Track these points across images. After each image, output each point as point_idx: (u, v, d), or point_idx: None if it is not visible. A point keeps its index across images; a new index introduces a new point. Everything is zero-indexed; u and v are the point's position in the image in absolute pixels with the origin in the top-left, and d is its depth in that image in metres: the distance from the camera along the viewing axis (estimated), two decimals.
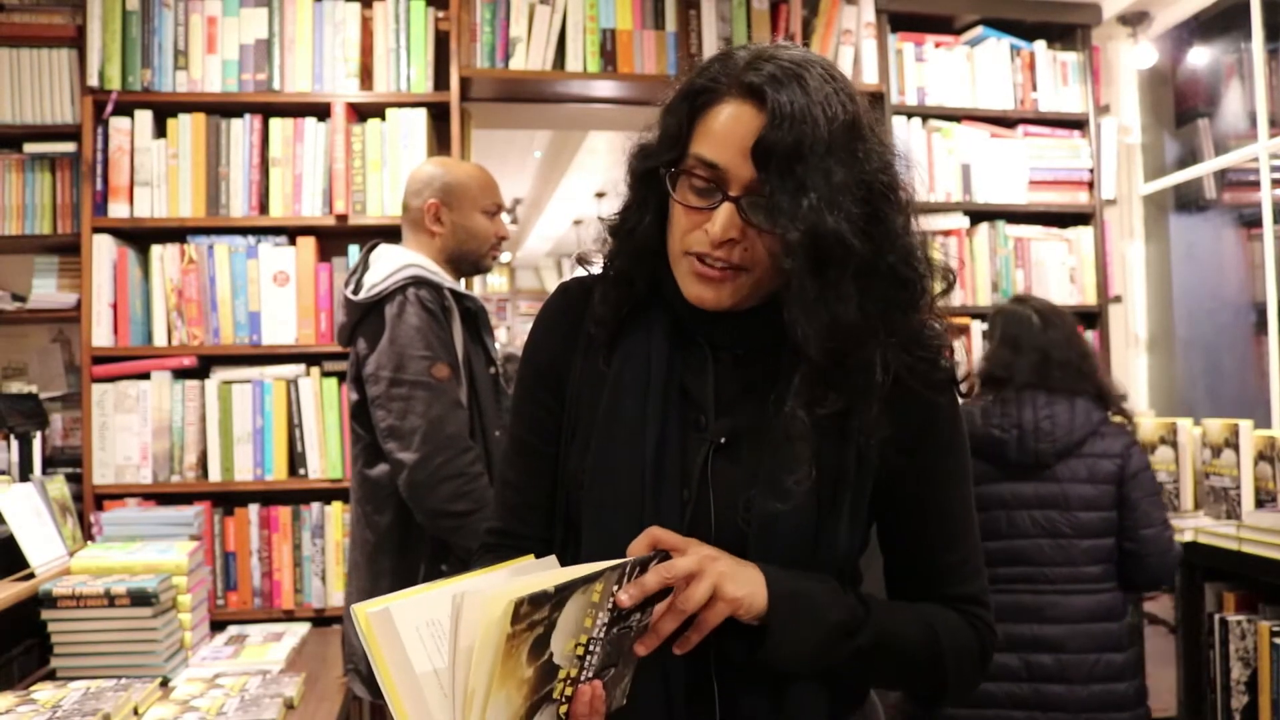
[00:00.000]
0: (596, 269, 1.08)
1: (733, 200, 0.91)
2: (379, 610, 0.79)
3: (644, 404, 0.98)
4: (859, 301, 0.90)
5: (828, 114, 0.89)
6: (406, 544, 1.98)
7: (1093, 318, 3.27)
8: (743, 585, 0.87)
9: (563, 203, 7.97)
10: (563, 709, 0.83)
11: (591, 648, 0.82)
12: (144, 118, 2.77)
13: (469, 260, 2.14)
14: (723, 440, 0.98)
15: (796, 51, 0.93)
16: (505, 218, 2.20)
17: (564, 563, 0.96)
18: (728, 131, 0.92)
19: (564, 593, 0.78)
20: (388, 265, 1.98)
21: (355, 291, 1.99)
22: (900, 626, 0.96)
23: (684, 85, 0.97)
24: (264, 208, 2.82)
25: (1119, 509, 2.22)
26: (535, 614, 0.77)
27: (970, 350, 3.16)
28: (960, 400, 1.04)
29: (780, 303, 0.93)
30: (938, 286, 0.97)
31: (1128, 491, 2.21)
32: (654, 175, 0.98)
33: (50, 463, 2.69)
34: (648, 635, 0.86)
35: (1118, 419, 2.29)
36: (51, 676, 1.91)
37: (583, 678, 0.83)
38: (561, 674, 0.81)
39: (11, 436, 2.42)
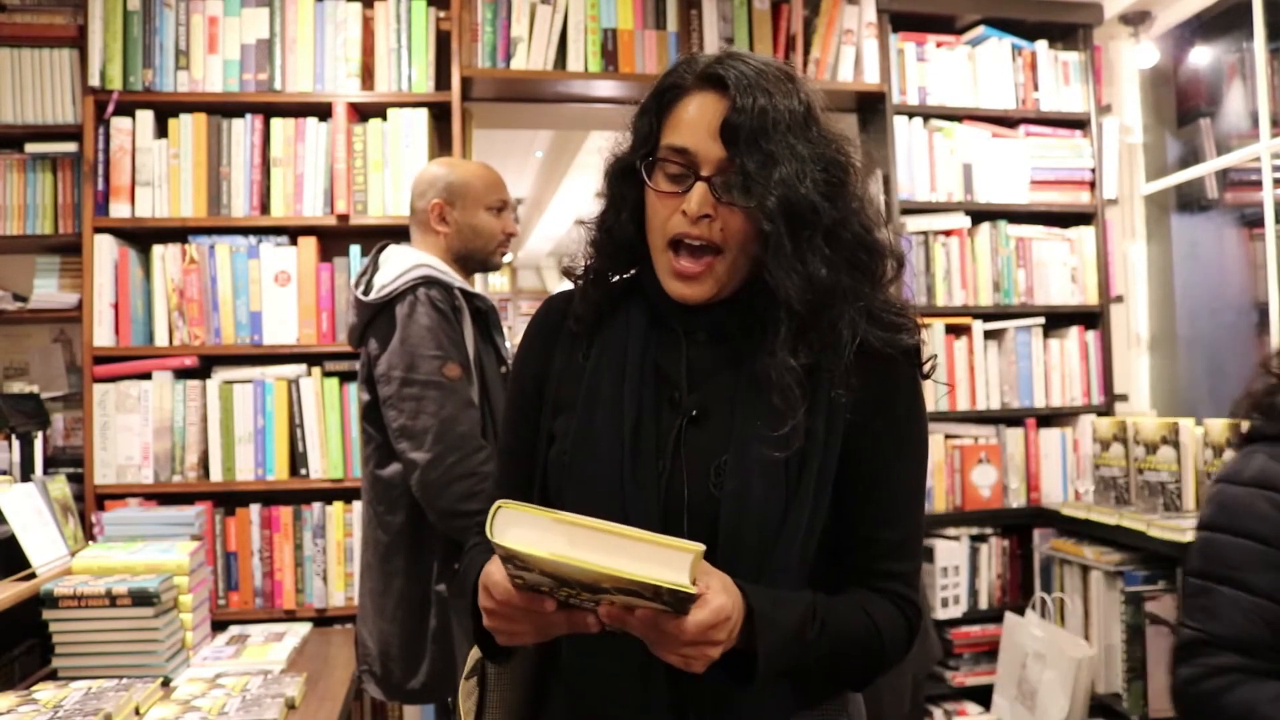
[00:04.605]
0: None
1: (705, 180, 0.99)
2: None
3: (621, 383, 1.04)
4: (829, 260, 0.99)
5: (785, 99, 0.99)
6: (419, 544, 1.98)
7: (1094, 318, 3.28)
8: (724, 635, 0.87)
9: (564, 202, 7.95)
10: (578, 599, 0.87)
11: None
12: (145, 118, 2.77)
13: (476, 258, 2.13)
14: (694, 413, 1.03)
15: (758, 56, 1.04)
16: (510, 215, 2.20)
17: None
18: (695, 119, 1.01)
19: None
20: (398, 265, 1.98)
21: (365, 292, 1.99)
22: (848, 628, 0.98)
23: (653, 88, 1.06)
24: (265, 208, 2.82)
25: None
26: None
27: (971, 350, 3.17)
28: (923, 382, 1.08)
29: (750, 294, 1.02)
30: (893, 266, 1.04)
31: None
32: (629, 173, 1.06)
33: (52, 463, 2.69)
34: (612, 610, 0.85)
35: None
36: (53, 676, 1.91)
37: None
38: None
39: (13, 436, 2.42)
